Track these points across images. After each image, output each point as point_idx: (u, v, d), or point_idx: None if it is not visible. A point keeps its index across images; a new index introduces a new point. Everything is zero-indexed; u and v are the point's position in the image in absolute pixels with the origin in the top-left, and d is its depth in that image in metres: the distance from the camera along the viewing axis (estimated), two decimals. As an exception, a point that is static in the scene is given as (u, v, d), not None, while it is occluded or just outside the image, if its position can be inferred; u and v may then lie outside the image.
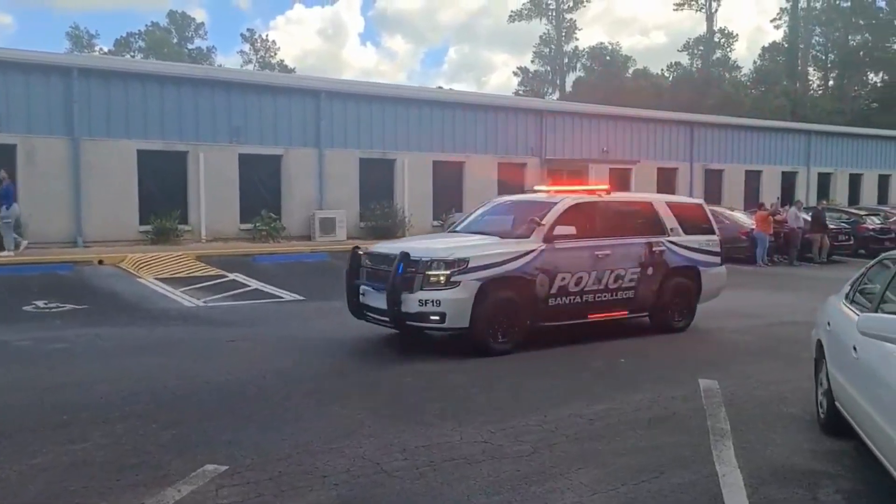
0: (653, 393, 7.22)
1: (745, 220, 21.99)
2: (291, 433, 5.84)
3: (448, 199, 24.07)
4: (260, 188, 21.32)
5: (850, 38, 55.44)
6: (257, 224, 20.75)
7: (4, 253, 15.93)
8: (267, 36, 73.30)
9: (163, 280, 14.87)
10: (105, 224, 18.86)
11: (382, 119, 23.27)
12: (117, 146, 19.09)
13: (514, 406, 6.74)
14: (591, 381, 7.74)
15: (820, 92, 57.49)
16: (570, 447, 5.64)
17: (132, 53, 60.11)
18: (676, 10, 64.20)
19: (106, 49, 61.21)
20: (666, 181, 29.41)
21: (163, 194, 19.81)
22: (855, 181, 36.22)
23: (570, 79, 63.99)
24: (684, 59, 64.40)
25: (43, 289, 13.18)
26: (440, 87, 52.26)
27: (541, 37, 64.90)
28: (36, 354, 8.59)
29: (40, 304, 11.94)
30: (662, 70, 65.06)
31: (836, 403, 5.61)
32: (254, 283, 14.86)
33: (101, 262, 16.45)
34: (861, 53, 54.98)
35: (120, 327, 10.63)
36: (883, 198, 36.18)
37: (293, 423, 6.13)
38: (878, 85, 56.27)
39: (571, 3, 63.98)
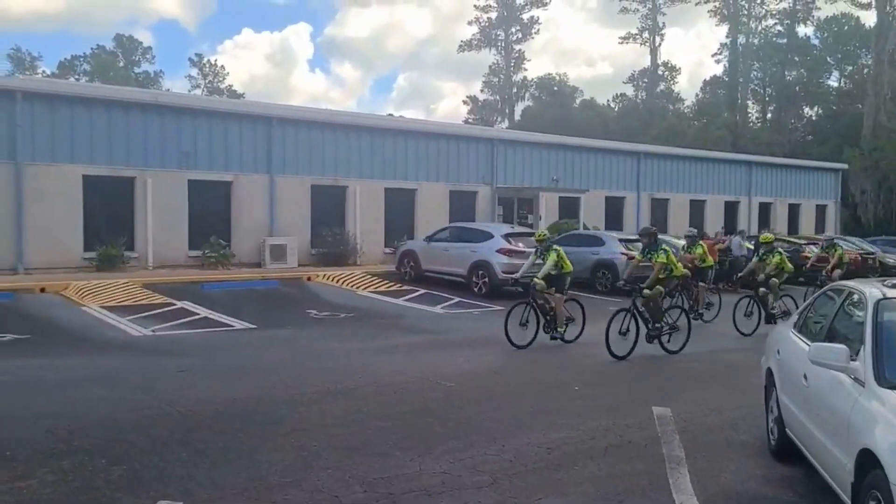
0: (607, 420, 7.31)
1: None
2: (247, 466, 5.73)
3: (400, 226, 24.10)
4: (209, 215, 20.98)
5: (786, 73, 57.78)
6: (206, 251, 20.38)
7: None
8: (215, 60, 72.42)
9: (108, 308, 14.44)
10: (48, 251, 18.28)
11: (335, 146, 23.23)
12: (62, 171, 18.60)
13: (472, 435, 6.73)
14: (546, 409, 7.79)
15: (759, 124, 59.61)
16: (530, 477, 5.66)
17: (77, 77, 58.81)
18: (622, 42, 66.15)
19: (49, 72, 59.83)
20: (614, 210, 30.01)
21: (109, 220, 19.32)
22: (794, 211, 37.54)
23: (519, 108, 65.02)
24: (629, 91, 66.16)
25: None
26: (390, 115, 52.48)
27: (490, 66, 65.90)
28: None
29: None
30: (608, 101, 66.71)
31: (787, 430, 5.77)
32: (203, 311, 14.56)
33: (43, 289, 15.91)
34: (797, 88, 57.30)
35: (64, 358, 10.27)
36: (820, 227, 37.58)
37: (248, 455, 6.01)
38: (813, 118, 58.68)
39: (520, 35, 65.23)
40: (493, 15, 64.43)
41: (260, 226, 21.62)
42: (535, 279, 11.81)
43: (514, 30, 64.94)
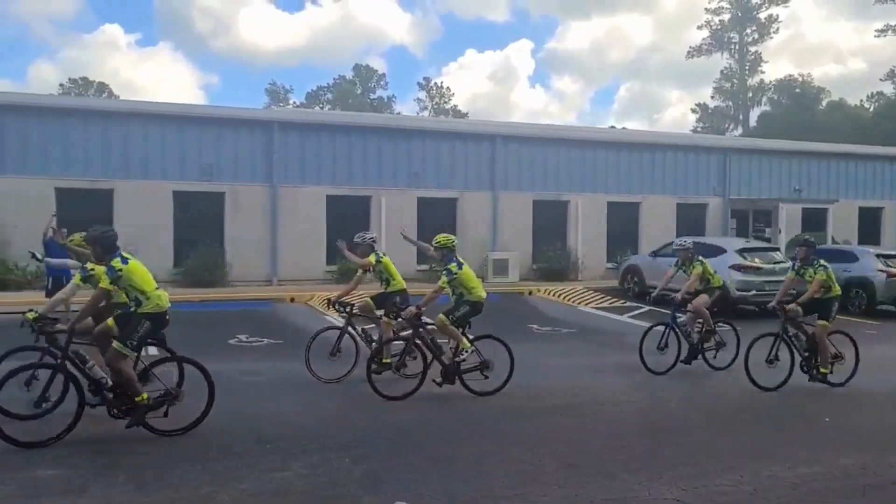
0: (862, 456, 6.52)
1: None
2: (475, 475, 5.87)
3: (623, 241, 23.53)
4: (436, 230, 21.88)
5: None
6: (433, 265, 21.35)
7: None
8: (441, 82, 76.23)
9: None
10: (297, 264, 20.27)
11: (556, 160, 23.31)
12: (309, 192, 20.57)
13: (705, 462, 6.35)
14: (789, 440, 7.13)
15: None
16: (773, 513, 5.20)
17: (321, 105, 64.88)
18: (878, 35, 59.37)
19: (298, 102, 66.55)
20: (870, 221, 26.91)
21: (347, 236, 20.90)
22: None
23: (755, 113, 60.80)
24: (887, 89, 59.09)
25: (244, 324, 14.32)
26: (612, 127, 51.64)
27: (722, 71, 62.41)
28: (236, 385, 9.20)
29: (242, 337, 12.97)
30: (861, 101, 60.09)
31: None
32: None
33: (292, 299, 17.68)
34: None
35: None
36: None
37: (476, 465, 6.16)
38: None
39: (756, 35, 61.08)
40: (726, 17, 61.04)
41: (483, 241, 22.24)
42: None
43: (749, 31, 61.02)
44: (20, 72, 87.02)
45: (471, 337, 8.97)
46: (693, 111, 66.23)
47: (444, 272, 8.71)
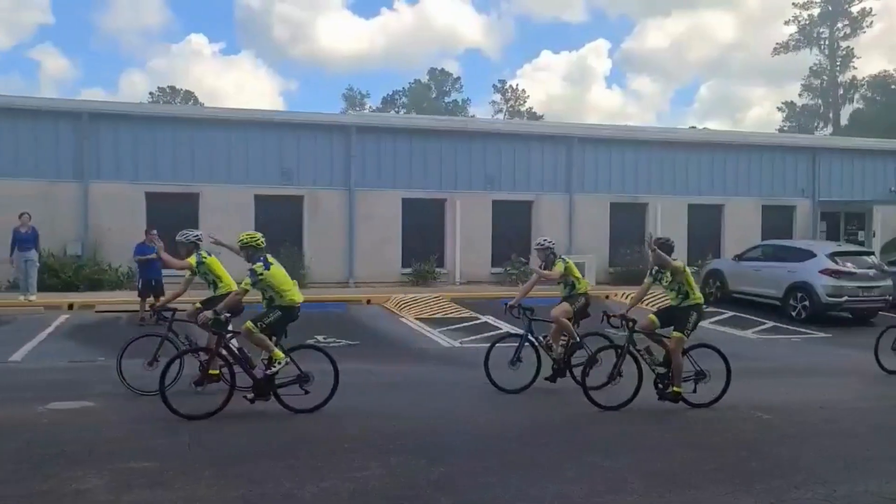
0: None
1: None
2: (553, 481, 5.78)
3: (705, 244, 22.86)
4: (511, 233, 21.94)
5: None
6: (508, 268, 21.28)
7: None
8: (516, 85, 75.90)
9: (422, 320, 15.74)
10: (372, 266, 20.54)
11: (635, 162, 22.86)
12: (385, 196, 20.79)
13: (795, 475, 6.07)
14: (888, 455, 6.74)
15: None
16: (871, 531, 4.92)
17: (396, 109, 65.67)
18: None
19: (374, 107, 67.59)
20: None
21: (423, 239, 21.18)
22: None
23: (846, 111, 58.08)
24: None
25: (322, 325, 14.59)
26: (692, 127, 50.29)
27: (811, 68, 59.89)
28: (315, 385, 9.27)
29: (320, 338, 13.20)
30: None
31: None
32: (505, 327, 15.12)
33: (368, 301, 17.91)
34: None
35: (385, 364, 11.38)
36: None
37: (554, 471, 6.07)
38: None
39: (848, 30, 58.40)
40: (815, 11, 58.59)
41: (558, 244, 21.85)
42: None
43: (840, 25, 58.36)
44: (112, 82, 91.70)
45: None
46: (779, 110, 63.81)
47: (249, 273, 7.82)
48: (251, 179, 19.92)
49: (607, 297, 19.17)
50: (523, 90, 72.29)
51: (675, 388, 8.16)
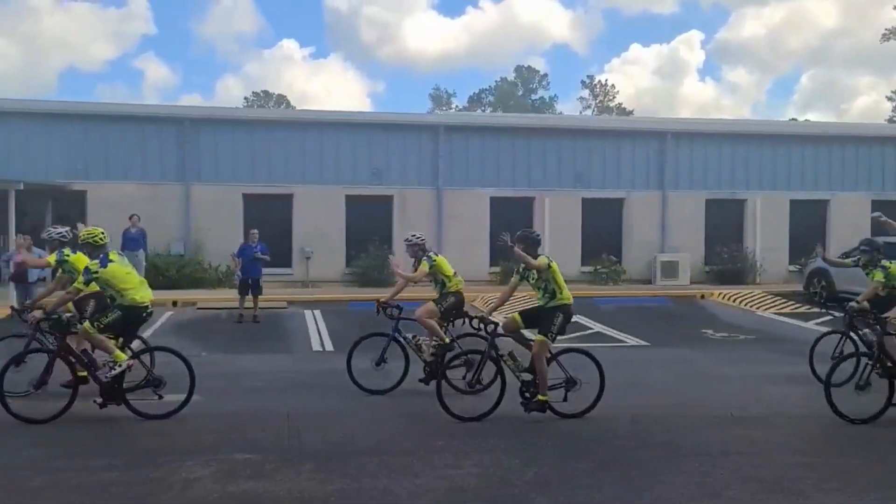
0: None
1: None
2: (649, 486, 5.64)
3: (808, 242, 21.72)
4: (601, 231, 21.60)
5: None
6: (598, 267, 20.95)
7: None
8: (605, 80, 74.48)
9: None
10: (460, 265, 20.43)
11: (732, 157, 22.08)
12: (473, 194, 20.85)
13: (915, 487, 5.69)
14: None
15: None
16: None
17: (483, 108, 65.64)
18: None
19: (461, 106, 67.77)
20: None
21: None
22: None
23: (964, 99, 54.27)
24: None
25: (411, 323, 14.70)
26: (793, 119, 48.11)
27: (921, 54, 56.25)
28: (405, 383, 9.01)
29: (409, 336, 13.33)
30: None
31: None
32: (595, 326, 14.94)
33: (458, 299, 17.95)
34: None
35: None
36: None
37: (650, 475, 5.91)
38: None
39: (964, 12, 54.54)
40: (926, -6, 54.93)
41: (650, 242, 21.51)
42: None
43: (953, 8, 54.47)
44: (209, 87, 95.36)
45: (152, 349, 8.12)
46: (889, 99, 60.15)
47: (83, 270, 7.40)
48: (342, 179, 20.37)
49: (702, 296, 18.61)
50: (612, 85, 70.86)
51: (541, 397, 7.46)
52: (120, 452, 6.33)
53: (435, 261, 9.10)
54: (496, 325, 7.67)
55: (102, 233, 7.83)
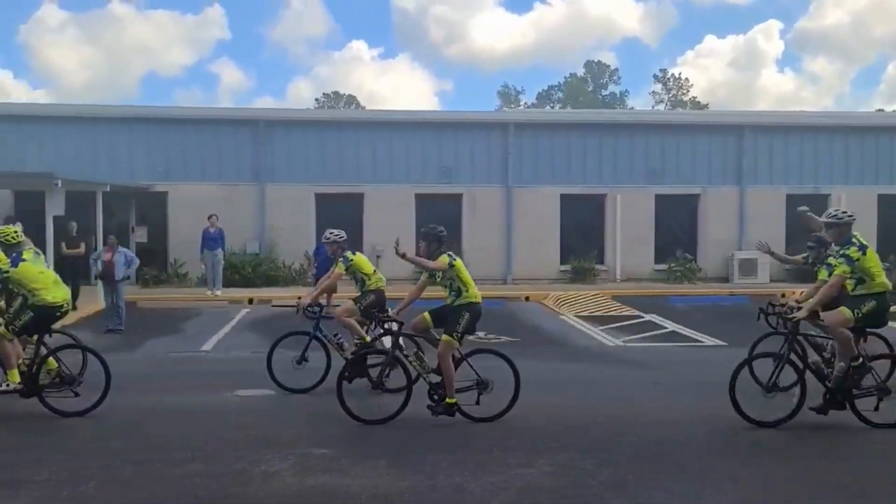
0: None
1: None
2: (730, 489, 5.48)
3: (896, 238, 20.79)
4: (675, 228, 21.10)
5: None
6: (672, 265, 20.48)
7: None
8: (679, 73, 72.59)
9: (582, 318, 15.49)
10: (530, 263, 20.48)
11: (814, 151, 21.23)
12: (543, 192, 20.66)
13: None
14: None
15: None
16: None
17: (552, 105, 65.04)
18: None
19: (530, 103, 67.26)
20: None
21: (581, 236, 20.85)
22: None
23: None
24: None
25: (482, 321, 14.63)
26: (880, 110, 45.91)
27: None
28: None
29: (481, 334, 13.31)
30: None
31: None
32: (670, 325, 14.62)
33: (527, 298, 17.92)
34: None
35: (545, 361, 11.24)
36: None
37: (730, 477, 5.74)
38: None
39: None
40: None
41: (727, 239, 20.88)
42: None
43: None
44: (280, 90, 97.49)
45: None
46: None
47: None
48: (412, 178, 20.50)
49: (783, 294, 17.85)
50: (686, 78, 69.17)
51: (449, 400, 7.13)
52: (204, 442, 6.53)
53: (352, 261, 8.94)
54: (401, 324, 7.36)
55: (16, 231, 7.63)
